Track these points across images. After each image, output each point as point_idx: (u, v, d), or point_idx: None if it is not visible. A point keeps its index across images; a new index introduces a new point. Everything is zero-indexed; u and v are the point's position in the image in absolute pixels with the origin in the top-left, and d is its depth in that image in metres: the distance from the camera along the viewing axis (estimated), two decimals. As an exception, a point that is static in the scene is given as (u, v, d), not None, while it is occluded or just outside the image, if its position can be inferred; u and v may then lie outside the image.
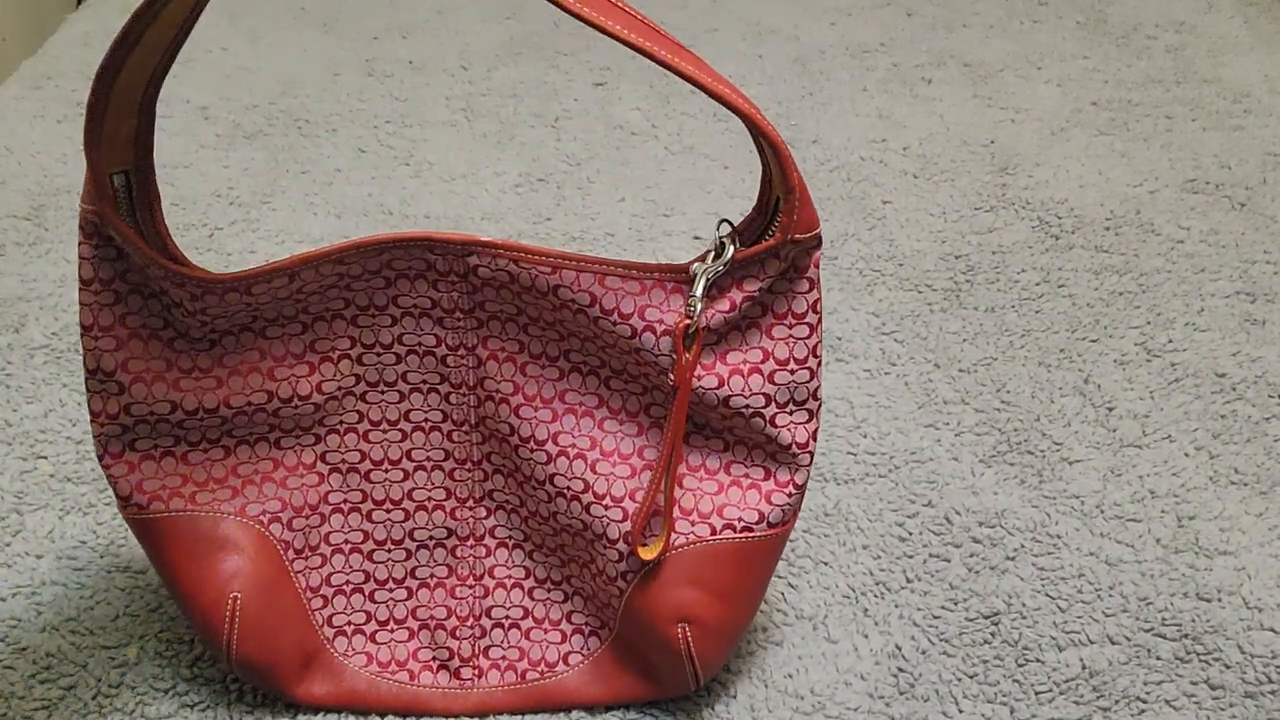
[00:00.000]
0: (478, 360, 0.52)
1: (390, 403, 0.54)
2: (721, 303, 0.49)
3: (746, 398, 0.50)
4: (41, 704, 0.57)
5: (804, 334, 0.50)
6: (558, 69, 1.14)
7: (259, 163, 0.99)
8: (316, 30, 1.21)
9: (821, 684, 0.58)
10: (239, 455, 0.54)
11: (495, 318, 0.52)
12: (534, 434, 0.52)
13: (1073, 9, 1.25)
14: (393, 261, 0.51)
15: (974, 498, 0.68)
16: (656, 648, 0.53)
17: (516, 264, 0.49)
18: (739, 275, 0.49)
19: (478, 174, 0.98)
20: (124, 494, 0.53)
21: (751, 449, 0.52)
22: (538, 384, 0.52)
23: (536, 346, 0.52)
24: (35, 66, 1.13)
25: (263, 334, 0.52)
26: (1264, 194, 0.95)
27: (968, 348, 0.79)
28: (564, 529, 0.54)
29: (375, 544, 0.55)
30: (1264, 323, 0.81)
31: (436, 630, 0.56)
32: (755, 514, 0.52)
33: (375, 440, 0.54)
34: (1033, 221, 0.92)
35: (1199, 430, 0.73)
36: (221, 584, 0.53)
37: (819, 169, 0.98)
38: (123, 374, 0.51)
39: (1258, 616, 0.61)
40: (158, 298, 0.51)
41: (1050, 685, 0.58)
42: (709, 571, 0.52)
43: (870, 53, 1.17)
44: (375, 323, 0.52)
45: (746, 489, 0.52)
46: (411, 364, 0.53)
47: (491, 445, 0.54)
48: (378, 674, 0.56)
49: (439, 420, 0.54)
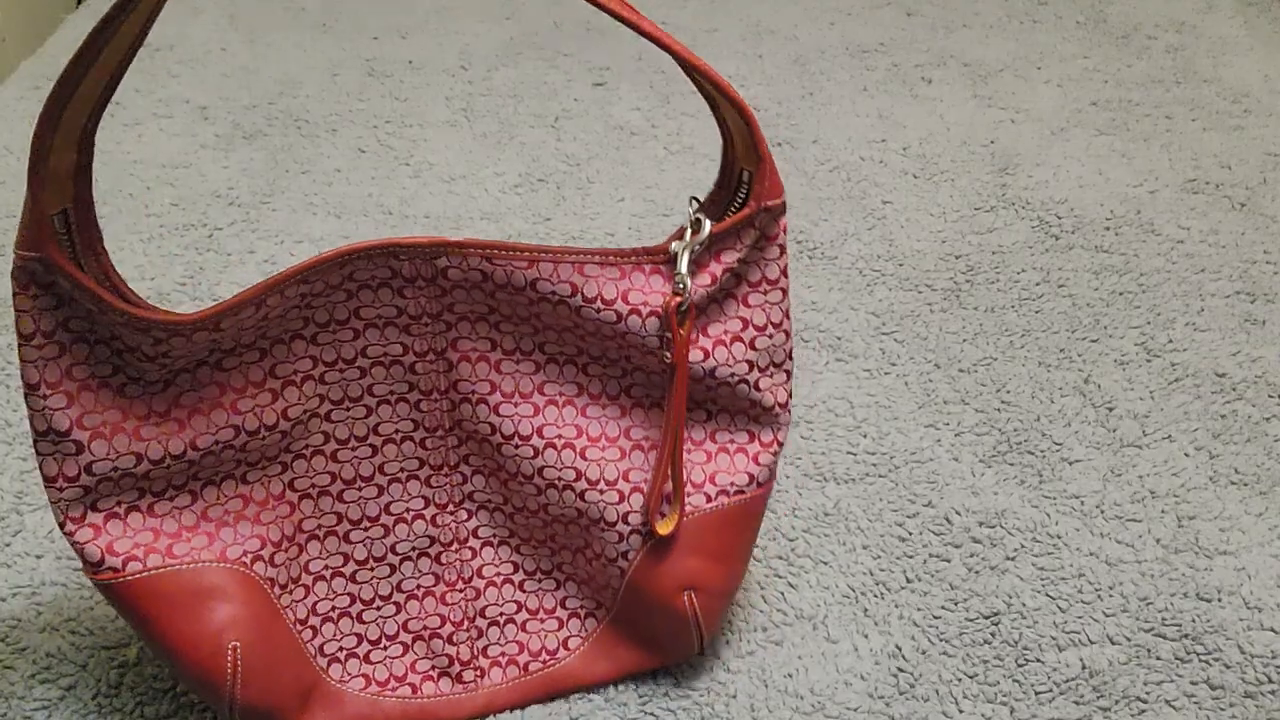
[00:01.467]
0: (448, 364, 0.52)
1: (357, 419, 0.52)
2: (702, 277, 0.50)
3: (732, 367, 0.52)
4: (41, 704, 0.57)
5: (777, 298, 0.52)
6: (558, 69, 1.14)
7: (259, 163, 0.99)
8: (316, 30, 1.21)
9: (821, 684, 0.58)
10: (206, 498, 0.50)
11: (465, 319, 0.51)
12: (517, 430, 0.52)
13: (1073, 9, 1.25)
14: (355, 273, 0.49)
15: (974, 498, 0.68)
16: (662, 618, 0.54)
17: (490, 261, 0.49)
18: (716, 248, 0.50)
19: (478, 174, 0.98)
20: (95, 559, 0.48)
21: (734, 415, 0.54)
22: (515, 380, 0.52)
23: (509, 343, 0.51)
24: (35, 66, 1.13)
25: (219, 366, 0.49)
26: (1264, 194, 0.95)
27: (968, 348, 0.79)
28: (555, 519, 0.54)
29: (357, 564, 0.54)
30: (1264, 323, 0.81)
31: (432, 639, 0.56)
32: (745, 476, 0.54)
33: (344, 459, 0.52)
34: (1033, 221, 0.92)
35: (1199, 430, 0.73)
36: (216, 635, 0.50)
37: (819, 169, 0.98)
38: (79, 431, 0.47)
39: (1258, 616, 0.61)
40: (106, 344, 0.47)
41: (1050, 685, 0.58)
42: (709, 538, 0.54)
43: (870, 53, 1.17)
44: (336, 338, 0.50)
45: (734, 454, 0.54)
46: (377, 376, 0.51)
47: (469, 447, 0.53)
48: (378, 694, 0.55)
49: (410, 430, 0.53)
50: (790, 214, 0.92)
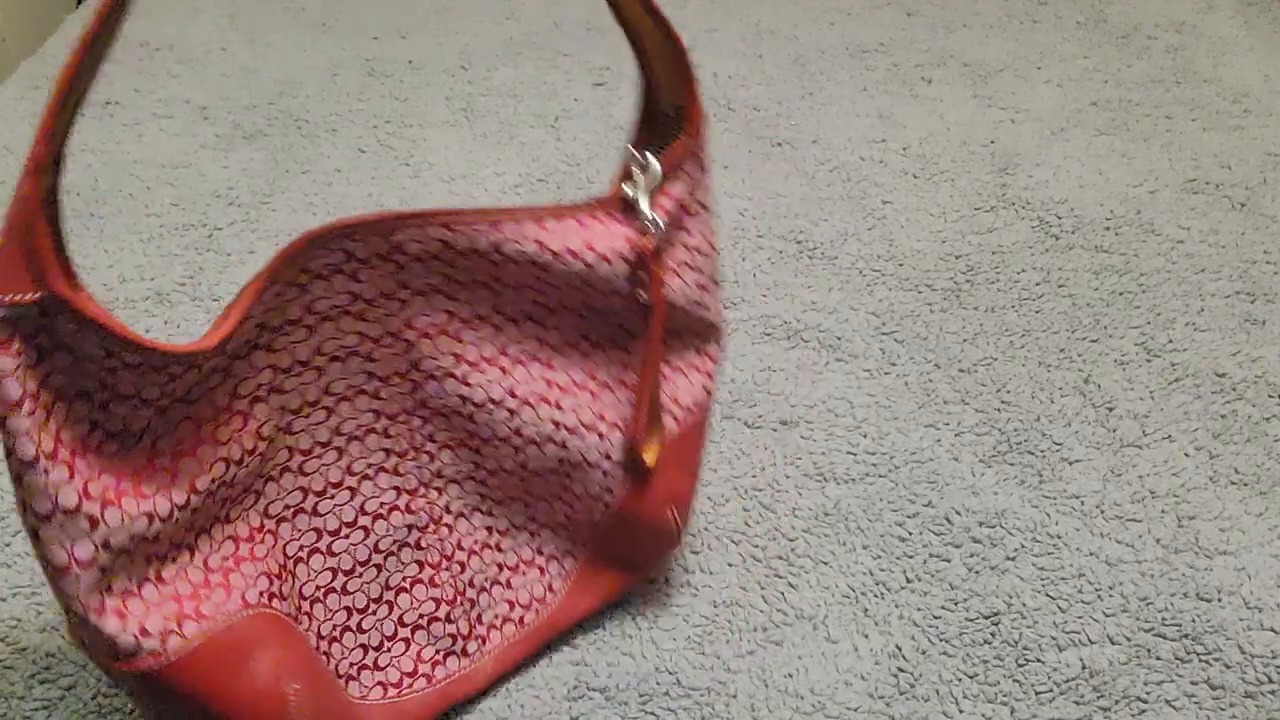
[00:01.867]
0: (407, 344, 0.50)
1: (318, 423, 0.49)
2: (659, 208, 0.51)
3: (686, 292, 0.53)
4: (41, 704, 0.57)
5: (707, 219, 0.54)
6: (558, 69, 1.14)
7: (259, 163, 0.99)
8: (316, 30, 1.21)
9: (821, 684, 0.58)
10: (202, 549, 0.45)
11: (420, 294, 0.49)
12: (489, 396, 0.51)
13: (1073, 9, 1.25)
14: (309, 264, 0.45)
15: (974, 498, 0.68)
16: (648, 536, 0.58)
17: (450, 229, 0.47)
18: (662, 185, 0.51)
19: (478, 174, 0.98)
20: (129, 647, 0.41)
21: (685, 336, 0.56)
22: (479, 347, 0.51)
23: (466, 311, 0.50)
24: (35, 66, 1.13)
25: (186, 400, 0.43)
26: (1264, 194, 0.95)
27: (968, 348, 0.79)
28: (533, 474, 0.54)
29: (345, 575, 0.52)
30: (1264, 323, 0.81)
31: (431, 625, 0.56)
32: (702, 392, 0.57)
33: (311, 471, 0.50)
34: (1033, 221, 0.92)
35: (1199, 430, 0.73)
36: (273, 684, 0.45)
37: (819, 169, 0.98)
38: (89, 503, 0.39)
39: (1258, 616, 0.61)
40: (87, 397, 0.40)
41: (1050, 685, 0.58)
42: (684, 454, 0.57)
43: (870, 53, 1.17)
44: (291, 340, 0.47)
45: (689, 372, 0.56)
46: (334, 373, 0.49)
47: (434, 425, 0.52)
48: (397, 696, 0.55)
49: (372, 421, 0.51)
50: (790, 214, 0.92)
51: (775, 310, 0.82)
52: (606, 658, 0.60)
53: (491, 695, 0.58)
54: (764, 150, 1.00)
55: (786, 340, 0.80)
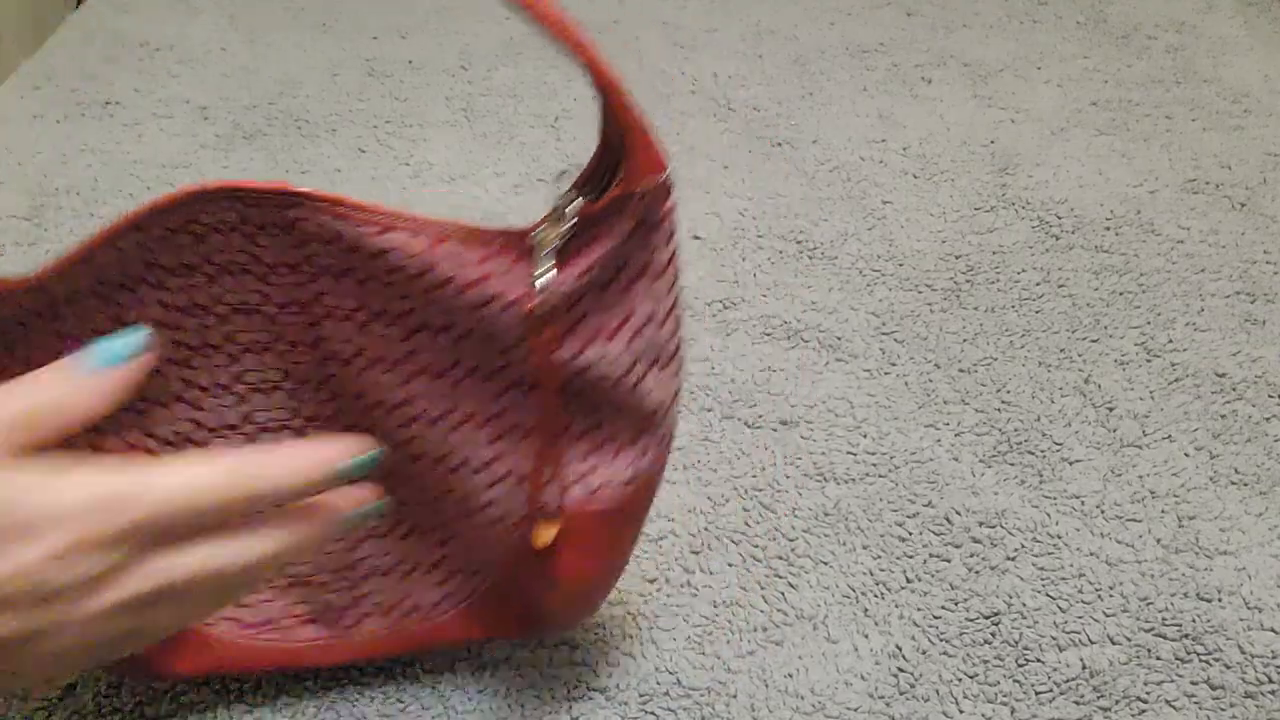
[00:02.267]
0: (314, 317, 0.46)
1: (219, 366, 0.46)
2: (576, 264, 0.44)
3: (608, 364, 0.46)
4: (41, 704, 0.57)
5: (665, 288, 0.46)
6: (558, 69, 1.14)
7: (259, 163, 0.99)
8: (316, 30, 1.21)
9: (821, 684, 0.58)
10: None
11: (327, 272, 0.44)
12: (384, 399, 0.47)
13: (1073, 9, 1.25)
14: (200, 217, 0.42)
15: (974, 498, 0.68)
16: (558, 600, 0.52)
17: (340, 219, 0.43)
18: (590, 233, 0.43)
19: (478, 174, 0.98)
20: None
21: (614, 413, 0.48)
22: (384, 344, 0.46)
23: (377, 304, 0.45)
24: (35, 66, 1.13)
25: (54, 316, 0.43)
26: (1264, 194, 0.95)
27: (968, 348, 0.79)
28: (429, 488, 0.50)
29: None
30: (1264, 323, 0.81)
31: (305, 586, 0.53)
32: (629, 471, 0.49)
33: (208, 407, 0.47)
34: (1033, 221, 0.92)
35: (1199, 430, 0.73)
36: None
37: (819, 169, 0.98)
38: None
39: (1258, 616, 0.61)
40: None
41: (1050, 685, 0.58)
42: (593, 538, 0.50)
43: (870, 53, 1.17)
44: (188, 283, 0.44)
45: (614, 454, 0.49)
46: (238, 324, 0.45)
47: (340, 404, 0.48)
48: (249, 637, 0.53)
49: (279, 379, 0.47)
50: (790, 214, 0.92)
51: (775, 310, 0.82)
52: (606, 658, 0.60)
53: (491, 694, 0.58)
54: (764, 150, 1.00)
55: (786, 340, 0.80)
